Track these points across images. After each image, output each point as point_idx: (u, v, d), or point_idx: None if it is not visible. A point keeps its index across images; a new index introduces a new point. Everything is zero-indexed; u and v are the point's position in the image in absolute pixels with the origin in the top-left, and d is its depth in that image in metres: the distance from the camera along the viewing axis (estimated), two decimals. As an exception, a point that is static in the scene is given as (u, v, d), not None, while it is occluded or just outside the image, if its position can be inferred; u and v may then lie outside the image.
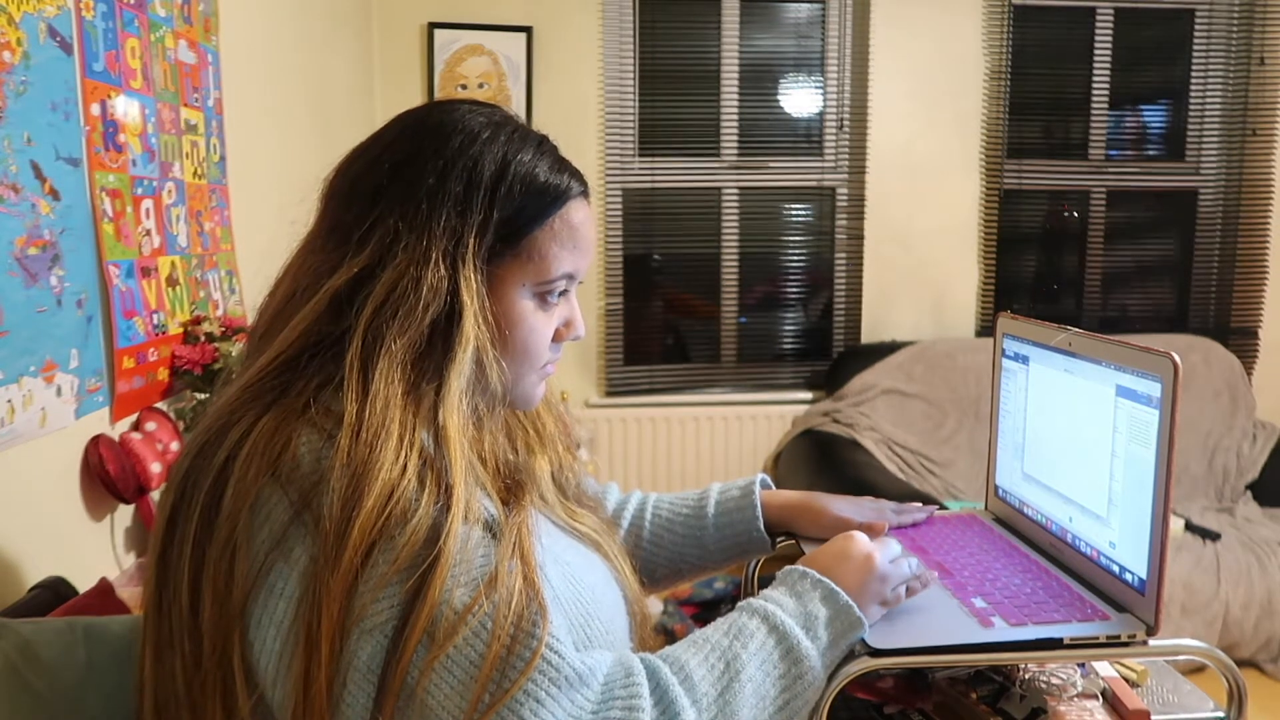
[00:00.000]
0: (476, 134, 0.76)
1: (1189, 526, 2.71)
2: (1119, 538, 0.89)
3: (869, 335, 3.33)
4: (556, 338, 0.83)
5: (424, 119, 0.77)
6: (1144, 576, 0.85)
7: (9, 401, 1.06)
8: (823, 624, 0.76)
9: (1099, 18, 3.30)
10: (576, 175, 0.81)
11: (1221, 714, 0.90)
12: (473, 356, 0.72)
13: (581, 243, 0.80)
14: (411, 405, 0.69)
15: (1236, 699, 0.86)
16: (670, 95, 3.29)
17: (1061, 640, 0.82)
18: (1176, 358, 0.81)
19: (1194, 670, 0.99)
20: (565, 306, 0.83)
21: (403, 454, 0.66)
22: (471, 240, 0.73)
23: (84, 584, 1.14)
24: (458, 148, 0.74)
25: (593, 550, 0.87)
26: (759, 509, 1.04)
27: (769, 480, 1.09)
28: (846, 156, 3.33)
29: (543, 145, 0.79)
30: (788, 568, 0.82)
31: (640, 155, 3.28)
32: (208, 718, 0.67)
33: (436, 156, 0.74)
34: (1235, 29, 3.32)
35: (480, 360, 0.73)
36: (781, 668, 0.73)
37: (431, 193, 0.73)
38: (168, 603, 0.68)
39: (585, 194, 0.81)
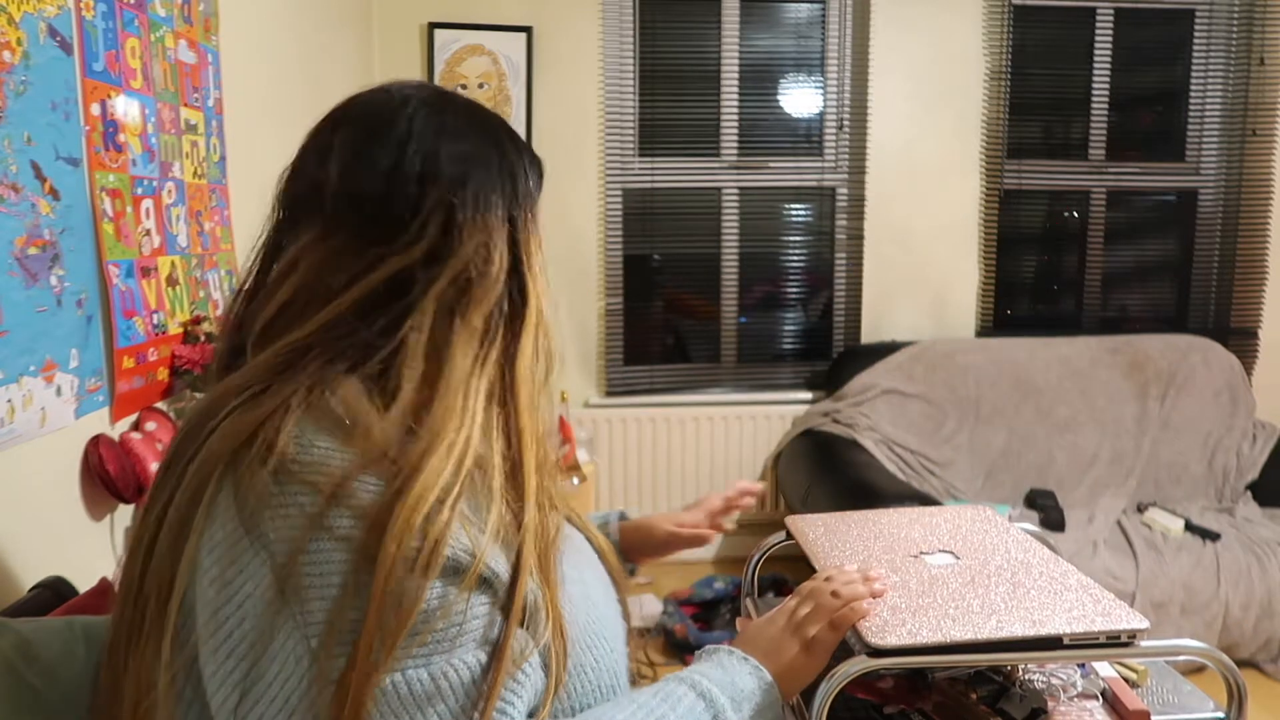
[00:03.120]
0: (486, 119, 0.79)
1: (1189, 526, 2.71)
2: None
3: (869, 335, 3.33)
4: None
5: (444, 105, 0.77)
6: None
7: (9, 401, 1.06)
8: (747, 696, 0.76)
9: (1099, 18, 3.31)
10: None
11: (1221, 714, 0.89)
12: (538, 324, 0.75)
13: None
14: (483, 381, 0.70)
15: (1236, 699, 0.86)
16: (670, 95, 3.29)
17: (1061, 640, 0.82)
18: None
19: (1194, 670, 0.99)
20: None
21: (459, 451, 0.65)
22: (524, 219, 0.76)
23: (84, 584, 1.14)
24: (485, 135, 0.77)
25: (587, 544, 0.87)
26: (615, 539, 1.08)
27: (628, 514, 1.12)
28: (846, 156, 3.33)
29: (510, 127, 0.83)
30: (711, 646, 0.83)
31: (640, 155, 3.28)
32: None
33: (468, 142, 0.76)
34: (1235, 29, 3.32)
35: (548, 331, 0.76)
36: None
37: (484, 181, 0.74)
38: (129, 573, 0.68)
39: None
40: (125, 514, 1.37)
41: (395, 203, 0.72)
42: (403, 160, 0.73)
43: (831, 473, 2.72)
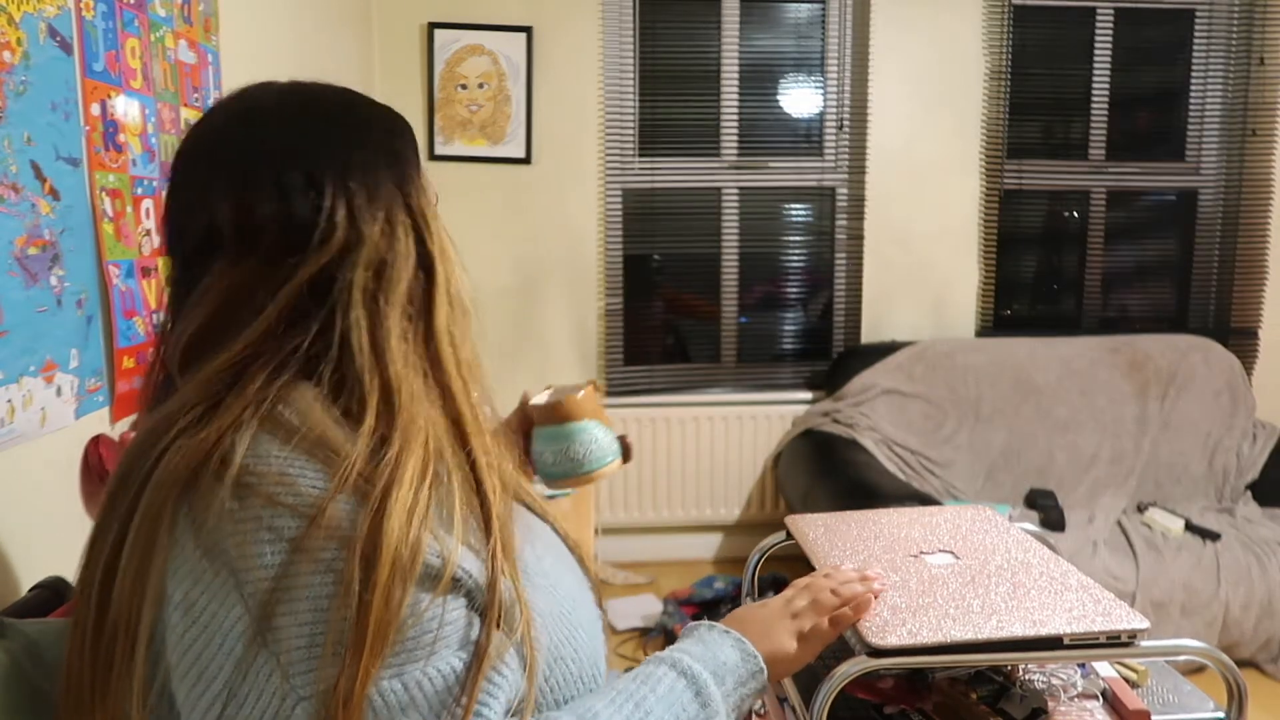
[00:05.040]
0: (352, 100, 0.79)
1: (1189, 526, 2.71)
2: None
3: (869, 335, 3.33)
4: None
5: (288, 98, 0.77)
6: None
7: (9, 401, 1.06)
8: (730, 669, 0.76)
9: (1099, 18, 3.31)
10: None
11: (1221, 714, 0.90)
12: (447, 281, 0.76)
13: None
14: (416, 360, 0.71)
15: (1236, 699, 0.86)
16: (670, 95, 3.29)
17: (1061, 640, 0.82)
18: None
19: (1194, 670, 0.99)
20: None
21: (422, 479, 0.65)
22: (414, 189, 0.76)
23: (84, 584, 1.13)
24: (363, 117, 0.77)
25: (552, 533, 0.86)
26: None
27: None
28: (846, 156, 3.33)
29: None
30: (694, 623, 0.83)
31: (640, 155, 3.28)
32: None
33: (339, 128, 0.75)
34: (1235, 29, 3.32)
35: (457, 293, 0.77)
36: (691, 710, 0.72)
37: (369, 162, 0.74)
38: (84, 607, 0.66)
39: None
40: (125, 514, 1.37)
41: (296, 213, 0.71)
42: (285, 171, 0.72)
43: (831, 473, 2.72)
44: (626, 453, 1.19)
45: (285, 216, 0.71)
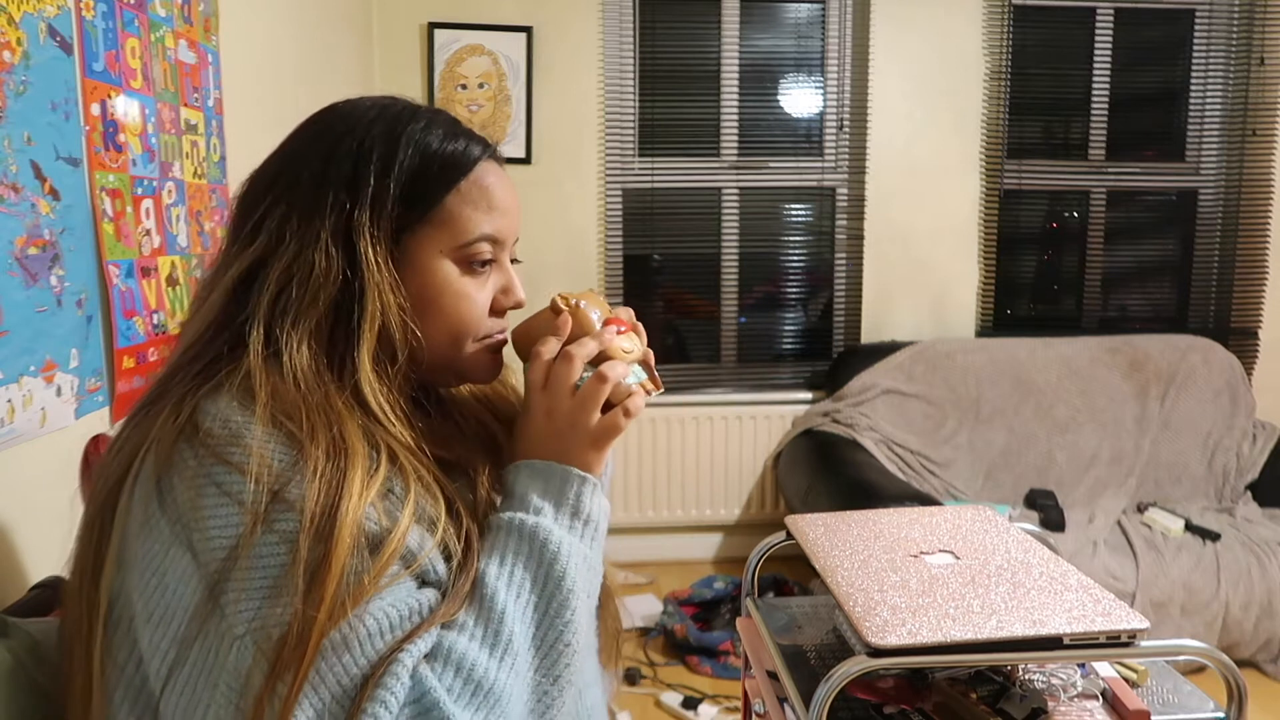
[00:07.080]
0: (362, 116, 0.77)
1: (1189, 526, 2.71)
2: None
3: (869, 335, 3.33)
4: (495, 307, 0.82)
5: (318, 115, 0.79)
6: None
7: (9, 401, 1.06)
8: (537, 495, 0.74)
9: (1099, 18, 3.31)
10: (476, 139, 0.81)
11: (1221, 714, 0.89)
12: (378, 330, 0.72)
13: (498, 204, 0.80)
14: (329, 384, 0.70)
15: (1236, 699, 0.86)
16: (670, 95, 3.29)
17: (1061, 640, 0.82)
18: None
19: (1194, 670, 0.99)
20: (500, 274, 0.82)
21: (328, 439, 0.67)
22: (366, 215, 0.73)
23: (84, 584, 1.13)
24: (344, 131, 0.76)
25: None
26: None
27: None
28: (846, 156, 3.33)
29: (436, 116, 0.80)
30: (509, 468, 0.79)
31: (640, 155, 3.28)
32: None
33: (321, 142, 0.76)
34: (1235, 29, 3.32)
35: (394, 331, 0.73)
36: (525, 550, 0.70)
37: (318, 176, 0.74)
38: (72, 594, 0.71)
39: (493, 155, 0.82)
40: (125, 514, 1.37)
41: (244, 205, 0.76)
42: (262, 167, 0.78)
43: (831, 473, 2.72)
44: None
45: (235, 217, 0.77)
